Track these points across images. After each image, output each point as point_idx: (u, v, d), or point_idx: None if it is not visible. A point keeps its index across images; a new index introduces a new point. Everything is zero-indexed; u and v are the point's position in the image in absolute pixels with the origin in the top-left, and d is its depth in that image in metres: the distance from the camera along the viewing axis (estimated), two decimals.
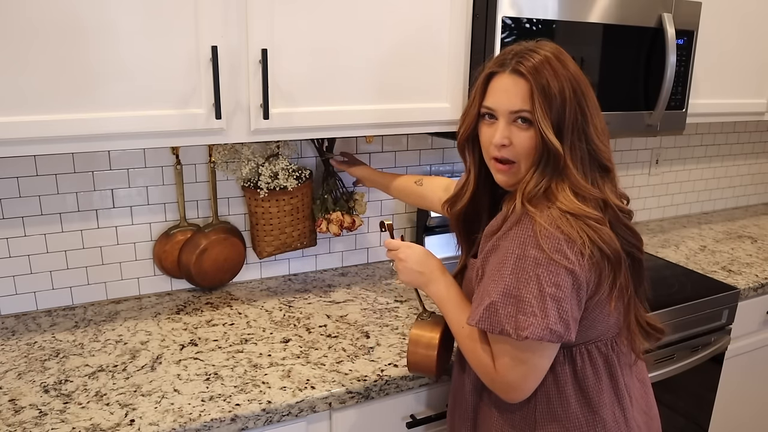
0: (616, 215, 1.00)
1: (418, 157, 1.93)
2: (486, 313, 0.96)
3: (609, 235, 0.96)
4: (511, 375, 0.99)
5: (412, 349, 1.15)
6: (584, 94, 0.99)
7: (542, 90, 0.96)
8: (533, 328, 0.92)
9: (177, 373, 1.27)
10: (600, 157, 1.00)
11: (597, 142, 0.99)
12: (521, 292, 0.94)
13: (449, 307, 1.10)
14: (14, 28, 1.08)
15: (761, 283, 1.89)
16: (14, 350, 1.36)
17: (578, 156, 0.98)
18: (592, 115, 0.99)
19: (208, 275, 1.66)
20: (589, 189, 0.98)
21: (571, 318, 0.94)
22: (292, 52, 1.32)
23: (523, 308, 0.93)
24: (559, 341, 0.94)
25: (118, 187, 1.57)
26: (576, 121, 0.97)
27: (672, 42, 1.66)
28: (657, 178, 2.51)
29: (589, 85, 1.01)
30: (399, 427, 1.34)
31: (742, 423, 2.11)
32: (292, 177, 1.63)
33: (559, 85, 0.96)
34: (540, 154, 0.99)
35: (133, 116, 1.20)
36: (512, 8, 1.43)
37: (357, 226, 1.73)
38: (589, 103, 0.99)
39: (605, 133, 1.02)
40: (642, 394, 1.14)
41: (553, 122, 0.96)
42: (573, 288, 0.94)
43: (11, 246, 1.50)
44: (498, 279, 0.96)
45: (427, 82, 1.48)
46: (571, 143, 0.97)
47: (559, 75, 0.97)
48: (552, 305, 0.92)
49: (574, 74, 0.98)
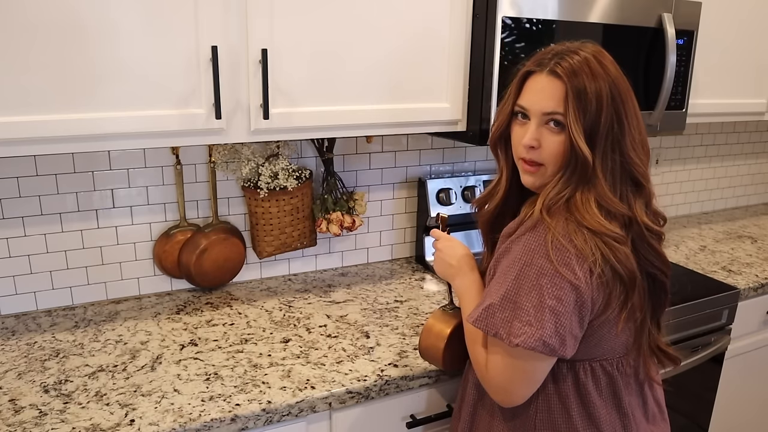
0: (642, 234, 0.97)
1: (418, 157, 1.93)
2: (484, 313, 0.96)
3: (626, 255, 0.94)
4: (499, 377, 0.99)
5: (424, 335, 1.18)
6: (623, 102, 0.94)
7: (577, 93, 0.92)
8: (526, 337, 0.91)
9: (177, 373, 1.27)
10: (634, 170, 0.96)
11: (632, 155, 0.95)
12: (521, 299, 0.93)
13: (466, 302, 1.11)
14: (14, 28, 1.08)
15: (761, 283, 1.89)
16: (14, 350, 1.36)
17: (609, 167, 0.94)
18: (630, 125, 0.95)
19: (208, 275, 1.66)
20: (616, 203, 0.94)
21: (568, 334, 0.92)
22: (292, 52, 1.32)
23: (519, 315, 0.93)
24: (553, 355, 0.93)
25: (118, 187, 1.57)
26: (611, 128, 0.93)
27: (672, 42, 1.66)
28: (657, 178, 2.51)
29: (631, 91, 0.97)
30: (399, 427, 1.34)
31: (742, 423, 2.11)
32: (292, 177, 1.63)
33: (597, 90, 0.92)
34: (568, 159, 0.95)
35: (133, 116, 1.20)
36: (512, 8, 1.43)
37: (357, 226, 1.73)
38: (628, 112, 0.95)
39: (644, 146, 0.98)
40: (652, 418, 1.11)
41: (586, 128, 0.93)
42: (575, 304, 0.92)
43: (11, 246, 1.50)
44: (502, 282, 0.96)
45: (427, 82, 1.49)
46: (603, 152, 0.94)
47: (598, 78, 0.93)
48: (550, 317, 0.91)
49: (614, 79, 0.94)
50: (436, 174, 1.97)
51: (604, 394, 1.03)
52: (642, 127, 0.97)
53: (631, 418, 1.05)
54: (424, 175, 1.95)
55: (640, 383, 1.08)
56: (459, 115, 1.54)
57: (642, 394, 1.09)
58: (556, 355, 0.93)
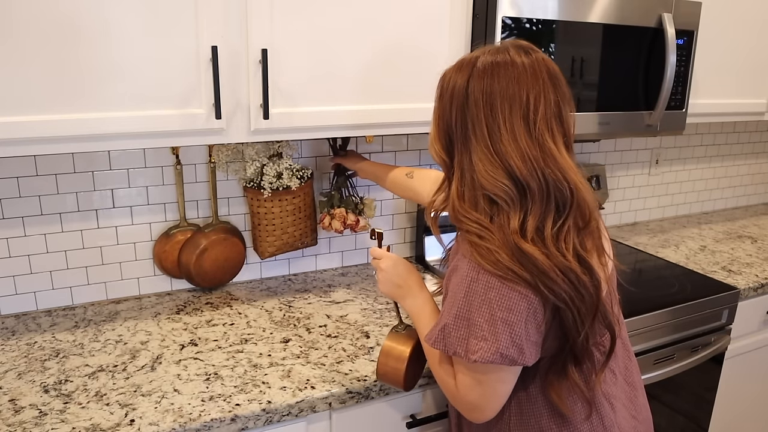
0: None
1: (418, 157, 1.93)
2: (440, 334, 0.96)
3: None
4: (470, 395, 0.98)
5: (382, 360, 1.15)
6: (489, 102, 0.94)
7: (440, 87, 1.00)
8: (482, 352, 0.91)
9: (177, 373, 1.27)
10: (482, 183, 0.94)
11: (479, 165, 0.94)
12: (473, 316, 0.92)
13: (421, 323, 1.10)
14: (15, 27, 1.08)
15: (761, 283, 1.89)
16: (14, 350, 1.36)
17: (463, 173, 0.98)
18: (487, 130, 0.94)
19: (208, 275, 1.66)
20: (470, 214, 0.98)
21: (525, 341, 0.91)
22: (292, 52, 1.32)
23: (474, 332, 0.92)
24: (513, 365, 0.92)
25: (118, 187, 1.57)
26: (462, 130, 0.96)
27: (672, 42, 1.66)
28: (657, 178, 2.51)
29: (523, 96, 0.93)
30: (399, 427, 1.34)
31: (742, 423, 2.12)
32: (296, 177, 1.63)
33: (452, 84, 0.97)
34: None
35: (133, 116, 1.20)
36: (512, 8, 1.43)
37: (361, 226, 1.72)
38: (488, 115, 0.94)
39: (503, 160, 0.93)
40: (630, 398, 1.11)
41: (441, 126, 0.99)
42: (528, 311, 0.90)
43: (11, 246, 1.50)
44: (453, 301, 0.95)
45: (427, 82, 1.48)
46: (459, 156, 0.98)
47: (462, 71, 0.97)
48: (503, 329, 0.90)
49: (481, 74, 0.95)
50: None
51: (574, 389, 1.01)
52: (516, 143, 0.92)
53: (608, 407, 1.04)
54: None
55: (615, 378, 1.07)
56: None
57: (622, 389, 1.08)
58: (517, 365, 0.93)
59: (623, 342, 1.13)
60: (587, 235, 0.95)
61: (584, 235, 0.94)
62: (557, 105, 0.94)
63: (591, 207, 0.94)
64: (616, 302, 1.09)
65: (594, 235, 0.96)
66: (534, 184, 0.90)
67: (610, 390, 1.06)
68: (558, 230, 0.91)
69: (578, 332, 0.92)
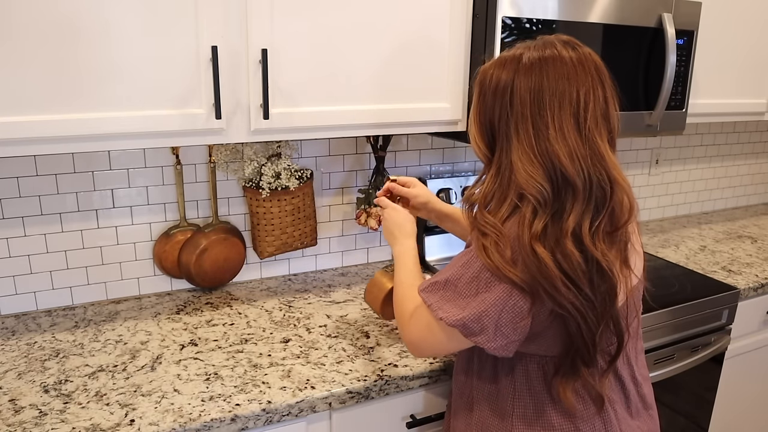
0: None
1: (418, 157, 1.93)
2: (429, 288, 1.02)
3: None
4: (416, 333, 1.05)
5: (368, 287, 1.35)
6: (537, 99, 0.93)
7: (480, 81, 1.01)
8: (449, 315, 0.96)
9: (177, 373, 1.27)
10: (517, 180, 0.95)
11: (518, 163, 0.95)
12: (460, 286, 0.96)
13: (399, 265, 1.19)
14: (14, 28, 1.08)
15: (761, 283, 1.89)
16: (14, 350, 1.36)
17: (500, 167, 1.00)
18: (533, 128, 0.93)
19: (208, 275, 1.66)
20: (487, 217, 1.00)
21: (493, 326, 0.92)
22: (292, 52, 1.32)
23: (456, 300, 0.96)
24: (468, 337, 0.95)
25: (118, 187, 1.57)
26: (505, 123, 0.97)
27: (672, 42, 1.66)
28: (657, 178, 2.51)
29: (570, 96, 0.91)
30: (399, 427, 1.34)
31: (742, 423, 2.12)
32: (294, 177, 1.63)
33: (497, 78, 0.97)
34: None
35: (133, 116, 1.20)
36: (512, 8, 1.43)
37: None
38: (535, 112, 0.93)
39: (541, 159, 0.92)
40: (636, 409, 1.10)
41: (483, 121, 1.01)
42: (506, 304, 0.91)
43: (11, 246, 1.50)
44: (451, 266, 1.00)
45: (427, 82, 1.49)
46: (500, 149, 0.99)
47: (506, 67, 0.97)
48: (478, 304, 0.93)
49: (527, 72, 0.94)
50: (436, 174, 1.97)
51: (579, 391, 1.01)
52: (564, 141, 0.90)
53: (611, 414, 1.04)
54: (424, 175, 1.95)
55: (620, 379, 1.06)
56: (459, 115, 1.54)
57: (624, 389, 1.07)
58: (473, 341, 0.95)
59: (637, 354, 1.11)
60: (614, 242, 0.93)
61: (611, 241, 0.92)
62: (605, 101, 0.93)
63: (628, 209, 0.93)
64: (637, 316, 1.05)
65: (620, 244, 0.94)
66: (579, 183, 0.89)
67: (614, 396, 1.05)
68: (594, 230, 0.90)
69: (583, 338, 0.93)
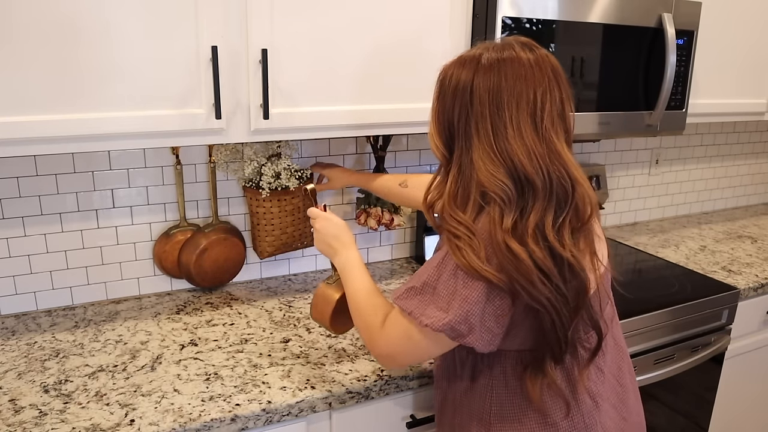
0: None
1: (418, 157, 1.93)
2: (405, 294, 1.00)
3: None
4: (393, 345, 1.02)
5: (313, 302, 1.25)
6: (495, 99, 0.94)
7: (440, 81, 1.03)
8: (435, 320, 0.93)
9: (177, 373, 1.27)
10: (479, 179, 0.95)
11: (479, 162, 0.95)
12: (439, 286, 0.95)
13: (349, 276, 1.15)
14: (15, 28, 1.08)
15: (761, 283, 1.89)
16: (14, 350, 1.36)
17: (460, 168, 1.00)
18: (492, 127, 0.94)
19: (208, 275, 1.66)
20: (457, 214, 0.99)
21: (479, 323, 0.92)
22: (292, 52, 1.32)
23: (436, 301, 0.95)
24: (458, 340, 0.94)
25: (118, 187, 1.57)
26: (465, 124, 0.97)
27: (672, 42, 1.66)
28: (657, 178, 2.51)
29: (530, 95, 0.93)
30: (399, 427, 1.34)
31: (742, 423, 2.12)
32: (294, 177, 1.63)
33: (456, 77, 0.99)
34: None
35: (133, 116, 1.20)
36: (512, 8, 1.43)
37: (395, 224, 1.75)
38: (494, 111, 0.94)
39: (505, 159, 0.93)
40: (621, 399, 1.10)
41: (442, 121, 1.01)
42: (488, 298, 0.91)
43: (11, 246, 1.50)
44: (425, 269, 0.98)
45: (427, 82, 1.48)
46: (459, 150, 0.99)
47: (465, 66, 0.99)
48: (461, 305, 0.92)
49: (487, 71, 0.95)
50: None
51: (553, 387, 1.01)
52: (522, 140, 0.92)
53: (590, 404, 1.03)
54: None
55: (600, 371, 1.06)
56: None
57: (605, 382, 1.07)
58: (462, 342, 0.94)
59: (616, 342, 1.12)
60: (581, 235, 0.95)
61: (578, 234, 0.94)
62: (561, 102, 0.95)
63: (590, 204, 0.94)
64: (609, 302, 1.08)
65: (588, 236, 0.96)
66: (538, 181, 0.91)
67: (596, 388, 1.05)
68: (559, 227, 0.92)
69: (556, 333, 0.93)
